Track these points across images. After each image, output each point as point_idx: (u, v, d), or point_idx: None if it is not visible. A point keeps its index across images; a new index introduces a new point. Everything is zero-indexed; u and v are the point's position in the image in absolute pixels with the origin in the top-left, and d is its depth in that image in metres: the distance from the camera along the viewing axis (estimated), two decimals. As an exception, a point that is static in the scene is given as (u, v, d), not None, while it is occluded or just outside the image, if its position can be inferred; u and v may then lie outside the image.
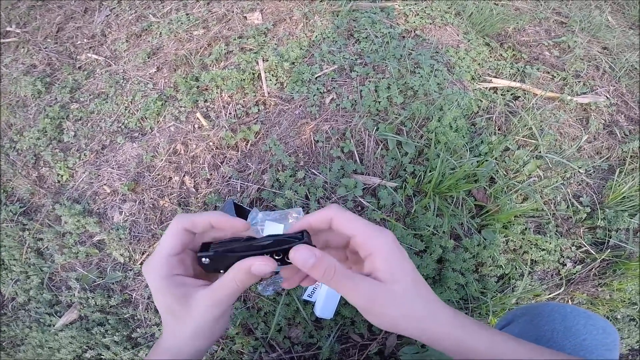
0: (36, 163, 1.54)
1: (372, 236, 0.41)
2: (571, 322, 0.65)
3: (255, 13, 1.77)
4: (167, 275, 0.42)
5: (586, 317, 0.66)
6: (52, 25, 1.98)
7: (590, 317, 0.66)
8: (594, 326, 0.65)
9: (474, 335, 0.41)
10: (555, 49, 1.87)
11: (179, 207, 1.33)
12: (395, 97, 1.41)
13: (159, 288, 0.42)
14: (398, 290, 0.40)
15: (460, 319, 0.42)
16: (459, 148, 1.34)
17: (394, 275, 0.40)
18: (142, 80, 1.65)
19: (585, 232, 1.40)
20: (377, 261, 0.41)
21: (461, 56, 1.64)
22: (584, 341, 0.63)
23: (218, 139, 1.42)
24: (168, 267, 0.42)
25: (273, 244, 0.41)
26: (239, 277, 0.41)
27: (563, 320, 0.65)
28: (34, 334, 1.24)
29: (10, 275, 1.34)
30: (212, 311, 0.42)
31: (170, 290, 0.42)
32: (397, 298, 0.40)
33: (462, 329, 0.41)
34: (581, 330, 0.64)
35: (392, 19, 1.76)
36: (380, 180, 1.28)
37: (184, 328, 0.43)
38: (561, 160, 1.47)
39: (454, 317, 0.42)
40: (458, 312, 0.43)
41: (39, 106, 1.68)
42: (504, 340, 0.42)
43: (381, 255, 0.41)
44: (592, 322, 0.65)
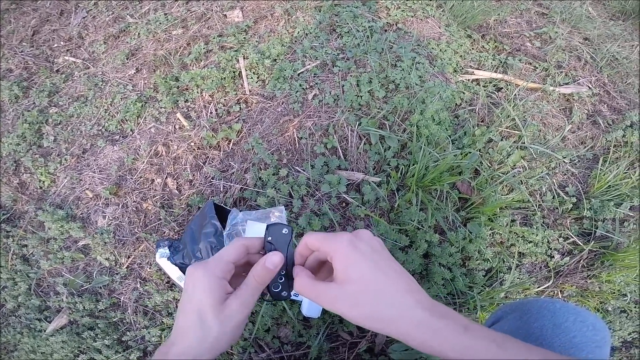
0: (17, 169, 1.51)
1: (329, 242, 0.46)
2: (560, 319, 0.64)
3: (235, 11, 1.75)
4: (221, 276, 0.48)
5: (575, 314, 0.65)
6: (27, 29, 1.94)
7: (579, 313, 0.65)
8: (584, 323, 0.64)
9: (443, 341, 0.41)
10: (536, 40, 1.87)
11: (162, 209, 1.31)
12: (377, 91, 1.40)
13: (210, 286, 0.47)
14: (352, 291, 0.42)
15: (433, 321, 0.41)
16: (441, 140, 1.34)
17: (349, 276, 0.42)
18: (122, 82, 1.62)
19: (572, 223, 1.40)
20: (334, 264, 0.44)
21: (443, 48, 1.64)
22: (573, 338, 0.62)
23: (199, 139, 1.40)
24: (225, 271, 0.49)
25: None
26: (256, 272, 0.49)
27: (552, 317, 0.65)
28: (25, 339, 1.23)
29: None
30: (242, 311, 0.47)
31: (215, 291, 0.47)
32: (353, 298, 0.42)
33: (431, 333, 0.41)
34: (570, 327, 0.63)
35: (374, 13, 1.75)
36: (363, 176, 1.27)
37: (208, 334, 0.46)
38: (545, 151, 1.47)
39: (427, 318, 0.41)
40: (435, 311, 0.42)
41: (17, 111, 1.64)
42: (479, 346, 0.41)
43: (336, 257, 0.44)
44: (582, 318, 0.64)
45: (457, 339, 0.41)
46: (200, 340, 0.46)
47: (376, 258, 0.45)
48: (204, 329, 0.46)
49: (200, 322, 0.47)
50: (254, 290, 0.49)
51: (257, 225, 1.07)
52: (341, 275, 0.44)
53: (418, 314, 0.41)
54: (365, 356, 1.13)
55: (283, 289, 0.53)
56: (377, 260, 0.45)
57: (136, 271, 1.28)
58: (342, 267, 0.44)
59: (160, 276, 1.25)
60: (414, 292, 0.44)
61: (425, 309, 0.42)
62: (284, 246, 0.53)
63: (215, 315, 0.46)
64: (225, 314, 0.46)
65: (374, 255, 0.45)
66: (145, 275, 1.27)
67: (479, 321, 1.16)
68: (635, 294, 1.35)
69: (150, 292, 1.23)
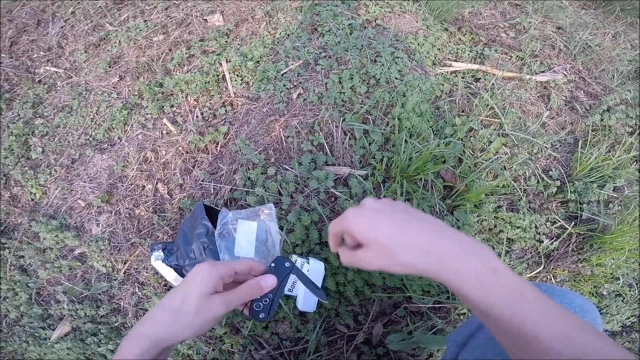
0: (7, 183, 1.51)
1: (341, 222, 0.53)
2: None
3: (215, 15, 1.77)
4: (220, 275, 0.56)
5: (561, 296, 0.66)
6: (5, 40, 1.92)
7: (565, 295, 0.66)
8: (570, 305, 0.64)
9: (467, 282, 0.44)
10: (511, 31, 1.93)
11: (154, 214, 1.33)
12: (358, 87, 1.44)
13: (207, 279, 0.55)
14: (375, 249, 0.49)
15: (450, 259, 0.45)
16: (423, 131, 1.38)
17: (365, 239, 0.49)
18: (106, 90, 1.63)
19: (558, 207, 1.44)
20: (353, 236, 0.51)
21: (420, 42, 1.68)
22: None
23: (187, 143, 1.42)
24: (226, 274, 0.58)
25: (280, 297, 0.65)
26: (249, 284, 0.60)
27: None
28: (32, 348, 1.25)
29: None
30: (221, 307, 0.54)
31: (209, 284, 0.54)
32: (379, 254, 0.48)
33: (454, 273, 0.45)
34: None
35: (353, 10, 1.78)
36: (350, 170, 1.31)
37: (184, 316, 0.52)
38: (526, 137, 1.52)
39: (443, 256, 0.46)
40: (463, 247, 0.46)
41: (2, 123, 1.64)
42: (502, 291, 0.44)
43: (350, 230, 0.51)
44: (568, 300, 0.65)
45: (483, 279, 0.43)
46: (174, 319, 0.52)
47: (385, 216, 0.49)
48: (182, 311, 0.53)
49: (182, 304, 0.53)
50: (239, 297, 0.58)
51: (246, 223, 1.10)
52: (361, 240, 0.50)
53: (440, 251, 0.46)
54: (363, 348, 1.16)
55: (263, 310, 0.63)
56: (387, 218, 0.49)
57: (133, 276, 1.29)
58: (357, 234, 0.50)
59: (157, 279, 1.27)
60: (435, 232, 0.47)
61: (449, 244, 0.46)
62: (282, 276, 0.64)
63: (197, 302, 0.53)
64: (206, 304, 0.53)
65: (379, 215, 0.50)
66: (142, 279, 1.28)
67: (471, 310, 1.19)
68: (628, 277, 1.38)
69: (149, 296, 1.25)
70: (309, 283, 0.69)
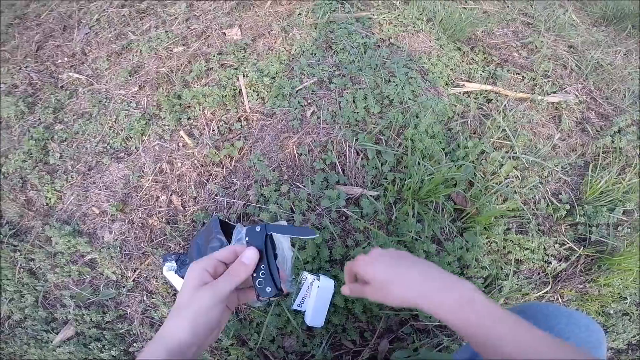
0: (23, 186, 1.55)
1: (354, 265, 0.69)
2: (553, 322, 0.67)
3: (234, 29, 1.80)
4: (203, 268, 0.57)
5: (567, 316, 0.68)
6: (32, 44, 1.97)
7: (571, 315, 0.68)
8: (576, 325, 0.66)
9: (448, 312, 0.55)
10: (523, 50, 1.94)
11: (167, 225, 1.36)
12: (372, 106, 1.46)
13: (192, 274, 0.57)
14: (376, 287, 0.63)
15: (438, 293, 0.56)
16: (436, 153, 1.40)
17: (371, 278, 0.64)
18: (125, 99, 1.67)
19: (567, 229, 1.44)
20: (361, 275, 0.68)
21: (434, 62, 1.70)
22: (567, 340, 0.64)
23: (203, 157, 1.45)
24: (209, 265, 0.58)
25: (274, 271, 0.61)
26: (232, 266, 0.58)
27: (546, 321, 0.68)
28: (32, 350, 1.25)
29: (4, 294, 1.34)
30: (207, 296, 0.54)
31: (195, 278, 0.56)
32: (379, 290, 0.63)
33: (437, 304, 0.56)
34: (563, 330, 0.66)
35: (367, 29, 1.81)
36: (362, 190, 1.33)
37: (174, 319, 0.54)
38: (537, 160, 1.52)
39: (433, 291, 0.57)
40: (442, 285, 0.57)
41: (23, 127, 1.68)
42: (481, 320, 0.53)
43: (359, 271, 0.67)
44: (574, 320, 0.67)
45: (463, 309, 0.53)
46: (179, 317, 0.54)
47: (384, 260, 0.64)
48: (179, 308, 0.55)
49: (178, 302, 0.56)
50: (226, 281, 0.57)
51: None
52: (366, 279, 0.65)
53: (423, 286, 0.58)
54: (369, 363, 1.17)
55: (267, 284, 0.59)
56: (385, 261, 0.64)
57: (142, 284, 1.31)
58: (362, 274, 0.66)
59: (166, 289, 1.29)
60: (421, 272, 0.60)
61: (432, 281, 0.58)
62: (260, 242, 0.61)
63: (189, 297, 0.55)
64: (195, 296, 0.55)
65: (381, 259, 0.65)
66: (151, 288, 1.30)
67: None
68: (635, 296, 1.38)
69: (157, 305, 1.27)
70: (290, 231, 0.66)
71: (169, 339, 0.53)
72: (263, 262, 0.60)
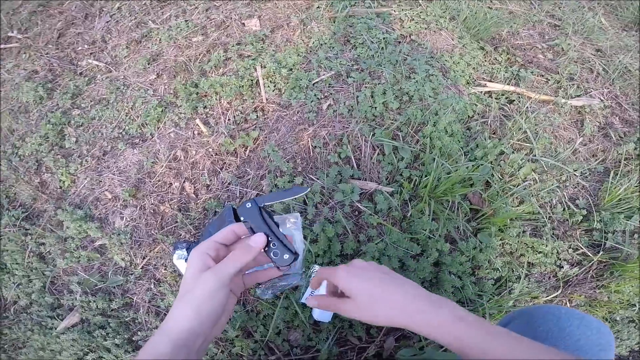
0: (38, 169, 1.56)
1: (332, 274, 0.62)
2: (565, 324, 0.67)
3: (253, 19, 1.79)
4: (204, 251, 0.57)
5: (580, 318, 0.68)
6: (53, 31, 2.00)
7: (583, 318, 0.68)
8: (588, 327, 0.66)
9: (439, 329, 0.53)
10: (549, 52, 1.89)
11: (179, 212, 1.35)
12: (391, 102, 1.43)
13: (193, 259, 0.56)
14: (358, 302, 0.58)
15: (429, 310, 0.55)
16: (454, 152, 1.37)
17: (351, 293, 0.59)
18: (142, 87, 1.67)
19: (582, 235, 1.41)
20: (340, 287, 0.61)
21: (456, 61, 1.67)
22: (578, 341, 0.64)
23: (217, 145, 1.44)
24: (209, 247, 0.57)
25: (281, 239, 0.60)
26: (237, 252, 0.57)
27: (557, 322, 0.67)
28: (35, 336, 1.25)
29: (12, 279, 1.35)
30: (210, 280, 0.53)
31: (197, 262, 0.55)
32: (359, 307, 0.58)
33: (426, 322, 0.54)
34: (575, 332, 0.66)
35: (388, 25, 1.78)
36: (376, 186, 1.30)
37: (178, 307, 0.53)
38: (556, 164, 1.49)
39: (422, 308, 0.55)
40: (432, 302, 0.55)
41: (41, 112, 1.70)
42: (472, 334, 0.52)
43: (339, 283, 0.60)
44: (586, 322, 0.67)
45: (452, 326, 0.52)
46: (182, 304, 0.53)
47: (369, 276, 0.59)
48: (182, 295, 0.54)
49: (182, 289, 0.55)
50: (230, 264, 0.55)
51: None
52: (347, 293, 0.59)
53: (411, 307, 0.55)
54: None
55: (282, 252, 0.59)
56: (370, 278, 0.59)
57: (151, 272, 1.30)
58: (344, 288, 0.59)
59: (175, 277, 1.28)
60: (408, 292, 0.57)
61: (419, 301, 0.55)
62: (257, 217, 0.60)
63: (192, 282, 0.54)
64: (198, 281, 0.53)
65: (366, 274, 0.60)
66: (159, 276, 1.30)
67: None
68: None
69: (164, 293, 1.26)
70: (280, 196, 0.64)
71: (173, 330, 0.51)
72: (269, 234, 0.59)
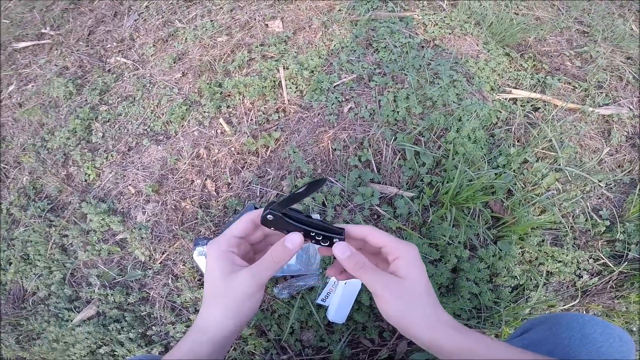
0: (65, 162, 1.61)
1: (401, 245, 0.52)
2: (589, 330, 0.66)
3: (276, 21, 1.81)
4: (225, 249, 0.52)
5: (603, 326, 0.67)
6: (84, 29, 2.06)
7: (607, 326, 0.68)
8: (611, 335, 0.66)
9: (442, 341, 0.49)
10: (577, 59, 1.84)
11: (199, 209, 1.37)
12: (414, 107, 1.42)
13: (216, 257, 0.51)
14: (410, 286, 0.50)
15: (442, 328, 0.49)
16: (477, 159, 1.35)
17: (411, 275, 0.50)
18: (168, 85, 1.71)
19: (604, 245, 1.38)
20: (401, 262, 0.51)
21: (481, 66, 1.65)
22: (600, 348, 0.64)
23: (240, 145, 1.46)
24: (228, 244, 0.53)
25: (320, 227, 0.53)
26: (275, 251, 0.52)
27: (581, 329, 0.67)
28: (51, 328, 1.28)
29: (34, 270, 1.40)
30: (249, 284, 0.50)
31: (222, 262, 0.51)
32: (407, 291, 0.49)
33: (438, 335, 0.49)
34: (598, 339, 0.65)
35: (411, 29, 1.77)
36: (397, 190, 1.29)
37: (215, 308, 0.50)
38: (581, 174, 1.45)
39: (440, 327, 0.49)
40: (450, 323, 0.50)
41: (70, 107, 1.75)
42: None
43: (405, 258, 0.51)
44: (609, 330, 0.66)
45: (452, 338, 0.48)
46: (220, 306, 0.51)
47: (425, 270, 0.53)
48: (216, 296, 0.51)
49: (212, 290, 0.52)
50: (268, 265, 0.52)
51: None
52: (404, 271, 0.50)
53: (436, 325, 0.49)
54: (385, 364, 1.14)
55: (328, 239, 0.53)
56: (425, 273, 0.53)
57: (169, 267, 1.33)
58: (406, 266, 0.51)
59: (192, 274, 1.30)
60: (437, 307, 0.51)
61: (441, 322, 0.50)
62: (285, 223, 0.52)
63: (224, 283, 0.50)
64: (234, 283, 0.50)
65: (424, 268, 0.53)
66: (177, 272, 1.31)
67: (502, 335, 1.17)
68: None
69: (181, 289, 1.27)
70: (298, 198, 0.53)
71: (213, 330, 0.50)
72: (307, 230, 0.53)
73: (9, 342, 1.31)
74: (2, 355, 1.32)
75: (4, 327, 1.34)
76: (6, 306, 1.39)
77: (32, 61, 2.01)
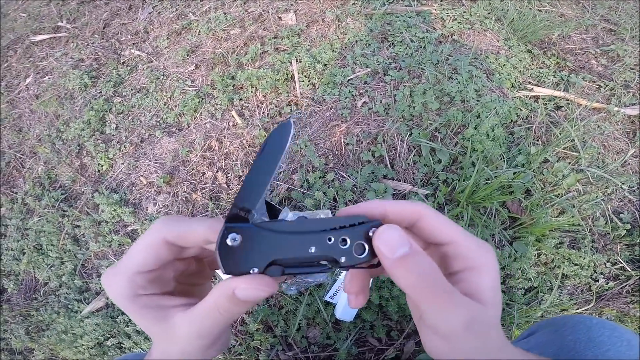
0: (79, 152, 1.63)
1: (479, 248, 0.33)
2: (595, 333, 0.64)
3: (289, 14, 1.79)
4: (130, 295, 0.32)
5: (611, 329, 0.65)
6: (100, 21, 2.08)
7: (615, 329, 0.65)
8: (619, 338, 0.63)
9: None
10: (602, 58, 1.77)
11: (210, 201, 1.36)
12: (430, 102, 1.38)
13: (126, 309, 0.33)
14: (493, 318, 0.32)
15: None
16: (495, 158, 1.30)
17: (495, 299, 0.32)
18: (181, 77, 1.70)
19: (623, 249, 1.33)
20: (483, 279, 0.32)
21: (501, 63, 1.59)
22: (606, 352, 0.61)
23: (251, 137, 1.44)
24: (132, 287, 0.32)
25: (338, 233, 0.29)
26: (220, 303, 0.31)
27: (588, 331, 0.64)
28: (60, 319, 1.29)
29: (46, 260, 1.41)
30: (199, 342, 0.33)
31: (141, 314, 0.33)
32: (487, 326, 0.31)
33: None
34: (605, 342, 0.62)
35: (429, 24, 1.73)
36: (411, 187, 1.26)
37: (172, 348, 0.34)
38: (603, 175, 1.40)
39: None
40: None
41: (85, 99, 1.77)
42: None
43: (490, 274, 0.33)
44: (617, 334, 0.64)
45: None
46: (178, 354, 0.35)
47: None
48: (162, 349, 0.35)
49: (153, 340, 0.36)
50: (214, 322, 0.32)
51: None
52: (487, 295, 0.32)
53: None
54: (391, 364, 1.12)
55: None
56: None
57: (178, 259, 1.33)
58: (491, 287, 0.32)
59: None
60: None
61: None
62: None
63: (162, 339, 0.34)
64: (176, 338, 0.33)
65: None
66: (186, 264, 1.31)
67: (512, 338, 1.14)
68: None
69: (190, 281, 1.27)
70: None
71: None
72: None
73: (19, 332, 1.33)
74: (12, 345, 1.33)
75: (14, 318, 1.36)
76: (18, 297, 1.41)
77: (49, 54, 2.04)
